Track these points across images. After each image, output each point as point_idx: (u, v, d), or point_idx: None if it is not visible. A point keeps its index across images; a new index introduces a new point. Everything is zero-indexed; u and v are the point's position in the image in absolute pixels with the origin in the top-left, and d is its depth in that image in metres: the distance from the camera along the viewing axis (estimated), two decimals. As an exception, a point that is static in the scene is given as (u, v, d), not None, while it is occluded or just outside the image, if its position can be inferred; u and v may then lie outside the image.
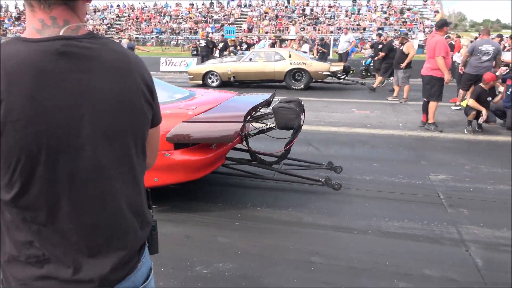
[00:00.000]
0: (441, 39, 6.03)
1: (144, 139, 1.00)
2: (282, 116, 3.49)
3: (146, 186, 3.42)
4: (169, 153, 3.11)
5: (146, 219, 1.04)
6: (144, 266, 1.03)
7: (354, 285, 2.39)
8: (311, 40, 16.48)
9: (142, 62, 1.01)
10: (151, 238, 1.10)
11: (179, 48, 29.74)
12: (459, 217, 3.27)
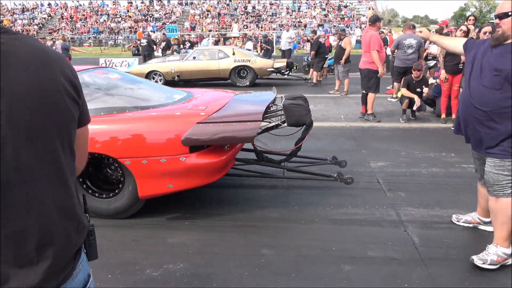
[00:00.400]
0: (374, 34, 6.37)
1: (71, 138, 0.96)
2: (293, 113, 3.45)
3: (160, 193, 2.94)
4: (185, 156, 2.93)
5: (81, 223, 0.99)
6: (81, 273, 0.98)
7: (303, 272, 2.47)
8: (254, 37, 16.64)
9: (63, 58, 0.97)
10: (89, 243, 1.05)
11: (119, 48, 28.61)
12: (397, 200, 3.50)
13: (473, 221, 2.95)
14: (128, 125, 3.05)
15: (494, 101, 2.34)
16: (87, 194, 3.18)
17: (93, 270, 2.56)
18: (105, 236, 3.00)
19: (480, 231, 2.94)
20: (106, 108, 3.18)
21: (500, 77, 2.31)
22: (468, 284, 2.32)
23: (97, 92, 3.42)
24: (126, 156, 2.94)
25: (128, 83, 3.87)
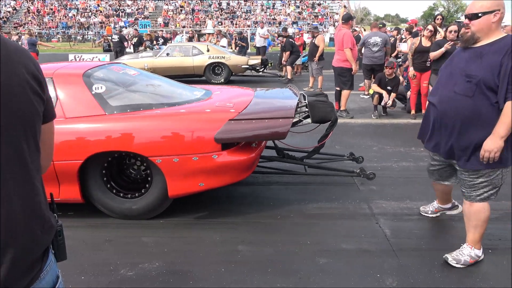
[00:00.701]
0: (347, 32, 6.48)
1: (36, 134, 0.93)
2: (319, 110, 3.42)
3: (191, 192, 2.89)
4: (217, 154, 2.88)
5: (48, 223, 0.97)
6: (49, 275, 0.96)
7: (279, 267, 2.50)
8: (229, 34, 16.57)
9: (25, 51, 0.94)
10: (57, 244, 1.03)
11: (90, 43, 27.82)
12: (370, 194, 3.59)
13: (437, 210, 3.07)
14: (159, 123, 2.97)
15: (467, 109, 2.23)
16: (112, 194, 3.10)
17: (65, 272, 2.51)
18: (78, 237, 2.93)
19: (447, 222, 3.06)
20: (132, 105, 3.09)
21: (472, 84, 2.21)
22: (437, 273, 2.41)
23: (119, 89, 3.31)
24: (157, 154, 2.87)
25: (147, 79, 3.77)
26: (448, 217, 3.13)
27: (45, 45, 14.62)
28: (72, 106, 3.01)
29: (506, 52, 2.12)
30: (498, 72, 2.12)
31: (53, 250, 1.02)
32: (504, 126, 2.14)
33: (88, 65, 3.51)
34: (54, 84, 3.06)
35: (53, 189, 3.00)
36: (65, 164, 2.90)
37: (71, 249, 2.82)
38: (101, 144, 2.88)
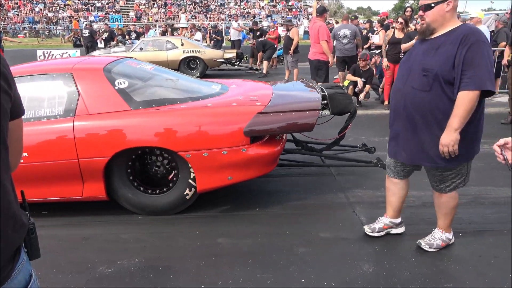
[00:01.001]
0: (323, 25, 6.55)
1: (3, 132, 0.90)
2: (339, 102, 3.41)
3: (219, 186, 2.91)
4: (246, 147, 2.86)
5: (19, 222, 0.94)
6: (21, 273, 0.94)
7: (259, 257, 2.53)
8: (203, 28, 16.40)
9: None
10: (30, 242, 1.01)
11: (59, 39, 26.90)
12: (346, 184, 3.66)
13: (386, 227, 2.72)
14: (187, 117, 2.93)
15: (425, 104, 2.17)
16: (136, 191, 3.04)
17: (41, 271, 2.46)
18: (54, 236, 2.87)
19: (420, 209, 3.16)
20: (157, 100, 3.03)
21: (428, 78, 2.14)
22: (411, 257, 2.50)
23: (140, 84, 3.23)
24: (186, 149, 2.84)
25: (163, 74, 3.67)
26: (421, 203, 3.24)
27: (11, 40, 14.05)
28: (96, 102, 2.93)
29: (461, 41, 2.07)
30: (453, 63, 2.08)
31: (25, 248, 1.00)
32: (456, 118, 2.08)
33: (105, 60, 3.41)
34: (75, 80, 2.97)
35: (76, 188, 2.95)
36: (90, 161, 2.84)
37: (47, 248, 2.76)
38: (129, 140, 2.84)
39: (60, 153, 2.84)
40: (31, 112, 2.94)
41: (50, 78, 3.05)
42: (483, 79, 2.03)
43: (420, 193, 3.43)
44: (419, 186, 3.56)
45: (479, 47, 2.05)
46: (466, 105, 2.06)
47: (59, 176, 2.90)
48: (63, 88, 2.99)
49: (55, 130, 2.87)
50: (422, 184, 3.59)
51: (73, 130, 2.84)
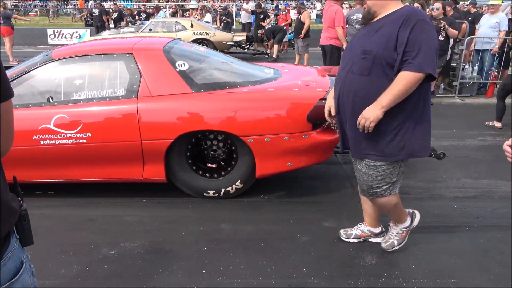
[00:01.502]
0: (340, 9, 6.36)
1: None
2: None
3: (279, 171, 2.92)
4: (308, 134, 2.84)
5: (7, 208, 0.92)
6: (10, 261, 0.93)
7: (261, 245, 2.52)
8: (214, 9, 16.17)
9: None
10: (22, 229, 0.99)
11: (70, 17, 26.82)
12: (353, 172, 3.61)
13: (363, 235, 2.55)
14: (251, 102, 2.89)
15: (362, 89, 2.00)
16: (195, 174, 3.04)
17: (45, 251, 2.48)
18: (59, 216, 2.89)
19: (427, 201, 3.11)
20: (218, 83, 3.00)
21: (368, 60, 1.97)
22: (415, 250, 2.47)
23: (198, 66, 3.18)
24: (249, 134, 2.82)
25: (217, 56, 3.61)
26: (428, 195, 3.19)
27: (22, 18, 14.00)
28: (158, 84, 2.91)
29: (403, 22, 1.90)
30: (395, 44, 1.91)
31: (17, 235, 0.98)
32: (388, 95, 1.91)
33: (161, 40, 3.38)
34: (136, 61, 2.95)
35: (137, 169, 2.95)
36: (153, 143, 2.84)
37: (51, 229, 2.79)
38: (192, 123, 2.82)
39: (123, 134, 2.84)
40: (93, 92, 2.93)
41: (111, 58, 3.02)
42: (426, 62, 1.87)
43: (428, 185, 3.38)
44: (426, 178, 3.51)
45: (423, 27, 1.89)
46: (402, 85, 1.89)
47: (121, 157, 2.91)
48: (125, 69, 2.96)
49: (118, 111, 2.86)
50: (429, 176, 3.55)
51: (137, 112, 2.82)
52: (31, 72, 3.01)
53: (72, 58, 3.04)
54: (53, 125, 2.84)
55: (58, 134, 2.84)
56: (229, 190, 3.07)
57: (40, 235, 2.61)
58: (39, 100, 2.95)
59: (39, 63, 3.05)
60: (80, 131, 2.83)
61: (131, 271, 2.29)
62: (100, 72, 3.04)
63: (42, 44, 14.61)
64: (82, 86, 2.96)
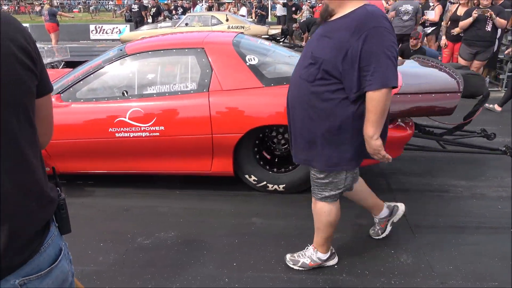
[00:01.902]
0: (378, 1, 6.17)
1: (28, 110, 0.90)
2: (472, 83, 3.14)
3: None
4: None
5: (46, 198, 0.96)
6: (50, 248, 0.96)
7: (292, 240, 2.51)
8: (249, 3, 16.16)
9: (13, 22, 0.88)
10: (61, 217, 1.03)
11: (110, 13, 27.76)
12: (389, 169, 3.51)
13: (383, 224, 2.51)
14: None
15: (305, 97, 1.87)
16: (262, 168, 3.05)
17: (84, 238, 2.59)
18: (97, 205, 3.01)
19: (467, 200, 2.97)
20: (287, 78, 2.92)
21: (314, 67, 1.82)
22: (454, 251, 2.36)
23: (266, 60, 3.14)
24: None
25: (281, 51, 3.60)
26: (469, 194, 3.04)
27: (66, 15, 14.65)
28: (229, 78, 2.92)
29: (355, 29, 1.69)
30: (344, 54, 1.71)
31: (56, 223, 1.02)
32: (368, 124, 1.77)
33: (229, 34, 3.42)
34: (207, 55, 2.98)
35: (205, 162, 3.00)
36: (224, 137, 2.87)
37: (90, 217, 2.91)
38: (263, 118, 2.82)
39: (195, 128, 2.88)
40: (166, 86, 3.00)
41: (182, 53, 3.06)
42: (386, 75, 1.68)
43: (469, 183, 3.22)
44: (467, 175, 3.35)
45: (377, 35, 1.67)
46: (375, 108, 1.72)
47: (191, 150, 2.96)
48: (196, 63, 2.99)
49: (190, 105, 2.89)
50: (471, 173, 3.38)
51: (209, 106, 2.84)
52: (107, 66, 3.08)
53: (146, 52, 3.08)
54: (128, 118, 2.90)
55: (133, 127, 2.89)
56: (292, 184, 3.04)
57: (80, 223, 2.73)
58: (115, 93, 3.03)
59: (114, 57, 3.10)
60: (154, 124, 2.88)
61: (165, 261, 2.35)
62: (172, 66, 3.09)
63: (84, 39, 15.23)
64: (155, 80, 3.02)
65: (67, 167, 3.11)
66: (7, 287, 0.88)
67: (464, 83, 2.98)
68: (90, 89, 3.06)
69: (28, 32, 0.91)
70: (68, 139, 2.97)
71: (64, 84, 3.10)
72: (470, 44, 5.71)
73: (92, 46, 13.49)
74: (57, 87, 3.09)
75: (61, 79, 3.23)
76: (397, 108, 2.76)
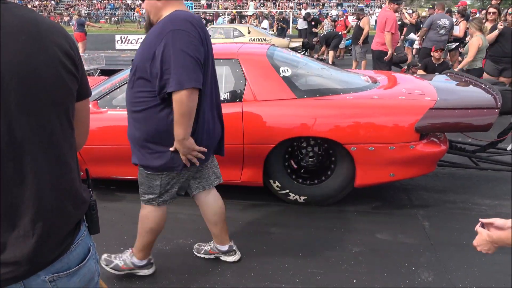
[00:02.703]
0: (391, 15, 6.18)
1: (68, 112, 0.95)
2: (507, 99, 3.09)
3: (380, 182, 2.89)
4: (414, 144, 2.75)
5: (80, 198, 1.00)
6: (80, 246, 1.00)
7: (311, 251, 2.49)
8: (271, 16, 16.35)
9: (57, 28, 0.93)
10: (91, 218, 1.07)
11: (135, 24, 28.51)
12: (410, 184, 3.45)
13: (212, 252, 2.45)
14: (355, 109, 2.84)
15: (128, 104, 1.94)
16: (291, 180, 3.04)
17: (106, 242, 2.64)
18: (119, 210, 3.07)
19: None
20: (320, 90, 2.97)
21: (132, 72, 1.88)
22: (477, 271, 2.30)
23: (299, 72, 3.17)
24: (353, 142, 2.78)
25: (314, 63, 3.57)
26: (494, 213, 2.96)
27: (93, 25, 15.17)
28: (262, 89, 2.93)
29: (158, 33, 1.76)
30: (152, 58, 1.76)
31: (86, 223, 1.06)
32: (176, 125, 1.80)
33: (263, 46, 3.47)
34: (241, 65, 3.00)
35: (235, 172, 3.00)
36: (255, 147, 2.88)
37: (112, 222, 2.96)
38: (296, 129, 2.82)
39: (227, 137, 2.84)
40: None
41: (217, 63, 3.03)
42: (182, 77, 1.71)
43: (494, 202, 3.14)
44: (492, 194, 3.27)
45: (176, 38, 1.72)
46: (178, 109, 1.75)
47: (222, 159, 2.91)
48: (230, 74, 3.01)
49: (224, 114, 2.85)
50: (496, 192, 3.29)
51: (242, 116, 2.86)
52: None
53: None
54: None
55: None
56: (313, 198, 3.03)
57: (102, 226, 2.74)
58: None
59: None
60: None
61: (183, 267, 2.37)
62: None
63: (110, 49, 15.67)
64: None
65: (101, 171, 3.18)
66: (37, 282, 0.91)
67: (503, 99, 2.92)
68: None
69: (72, 38, 0.97)
70: (104, 144, 3.05)
71: (101, 92, 3.18)
72: (496, 61, 5.62)
73: (117, 55, 13.85)
74: (94, 94, 3.17)
75: (97, 86, 3.32)
76: (438, 123, 2.73)
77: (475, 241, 1.28)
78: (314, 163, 3.09)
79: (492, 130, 2.93)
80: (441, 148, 2.83)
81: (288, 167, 3.06)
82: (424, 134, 2.80)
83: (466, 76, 3.63)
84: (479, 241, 1.27)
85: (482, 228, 1.27)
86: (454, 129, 2.86)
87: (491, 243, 1.26)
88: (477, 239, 1.27)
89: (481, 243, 1.27)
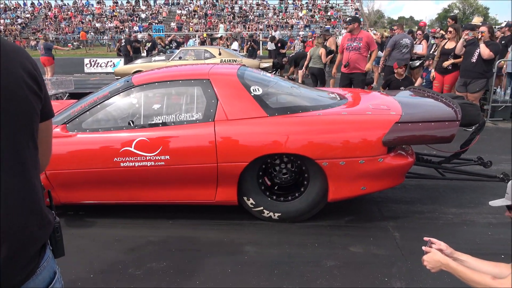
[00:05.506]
0: (344, 36, 6.54)
1: (33, 132, 0.95)
2: (468, 113, 3.22)
3: (352, 195, 2.92)
4: (383, 157, 2.83)
5: (45, 219, 0.98)
6: (45, 270, 0.97)
7: (286, 268, 2.49)
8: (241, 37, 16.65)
9: (21, 51, 0.95)
10: (55, 240, 1.05)
11: (105, 48, 28.26)
12: (380, 197, 3.54)
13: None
14: (325, 125, 2.92)
15: None
16: (265, 197, 3.05)
17: (74, 269, 2.54)
18: (87, 235, 2.97)
19: (458, 226, 2.99)
20: (291, 107, 3.03)
21: None
22: (446, 278, 2.36)
23: (270, 91, 3.21)
24: (324, 157, 2.82)
25: (283, 82, 3.65)
26: (460, 221, 3.08)
27: (61, 49, 14.90)
28: (234, 108, 2.96)
29: None
30: None
31: (51, 246, 1.03)
32: None
33: (232, 66, 3.50)
34: (213, 85, 3.03)
35: (210, 192, 2.99)
36: (229, 166, 2.87)
37: (81, 248, 2.86)
38: (268, 147, 2.84)
39: (200, 157, 2.89)
40: (172, 116, 3.02)
41: (188, 84, 3.12)
42: None
43: (459, 210, 3.27)
44: (457, 203, 3.40)
45: None
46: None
47: (196, 179, 2.96)
48: (202, 94, 3.03)
49: (196, 135, 2.91)
50: (461, 201, 3.43)
51: (214, 135, 2.87)
52: (114, 97, 3.12)
53: (152, 84, 3.14)
54: (134, 148, 2.90)
55: (138, 157, 2.90)
56: (288, 214, 3.05)
57: (71, 253, 2.67)
58: (121, 124, 3.05)
59: (121, 88, 3.15)
60: (159, 154, 2.88)
61: (156, 291, 2.30)
62: (178, 97, 3.15)
63: (78, 72, 15.41)
64: (161, 111, 3.06)
65: (71, 197, 3.09)
66: None
67: (462, 112, 3.07)
68: (96, 119, 3.08)
69: (33, 59, 0.97)
70: (73, 169, 2.97)
71: (70, 115, 3.12)
72: (462, 75, 5.96)
73: (86, 79, 13.64)
74: (63, 118, 3.11)
75: (66, 110, 3.26)
76: (403, 136, 2.84)
77: (426, 256, 1.63)
78: (288, 180, 3.13)
79: (454, 142, 3.07)
80: (409, 160, 2.94)
81: (262, 184, 3.08)
82: (392, 147, 2.91)
83: (428, 91, 3.82)
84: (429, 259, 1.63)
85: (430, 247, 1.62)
86: (420, 141, 2.99)
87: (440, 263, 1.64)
88: (429, 256, 1.65)
89: (430, 260, 1.66)
